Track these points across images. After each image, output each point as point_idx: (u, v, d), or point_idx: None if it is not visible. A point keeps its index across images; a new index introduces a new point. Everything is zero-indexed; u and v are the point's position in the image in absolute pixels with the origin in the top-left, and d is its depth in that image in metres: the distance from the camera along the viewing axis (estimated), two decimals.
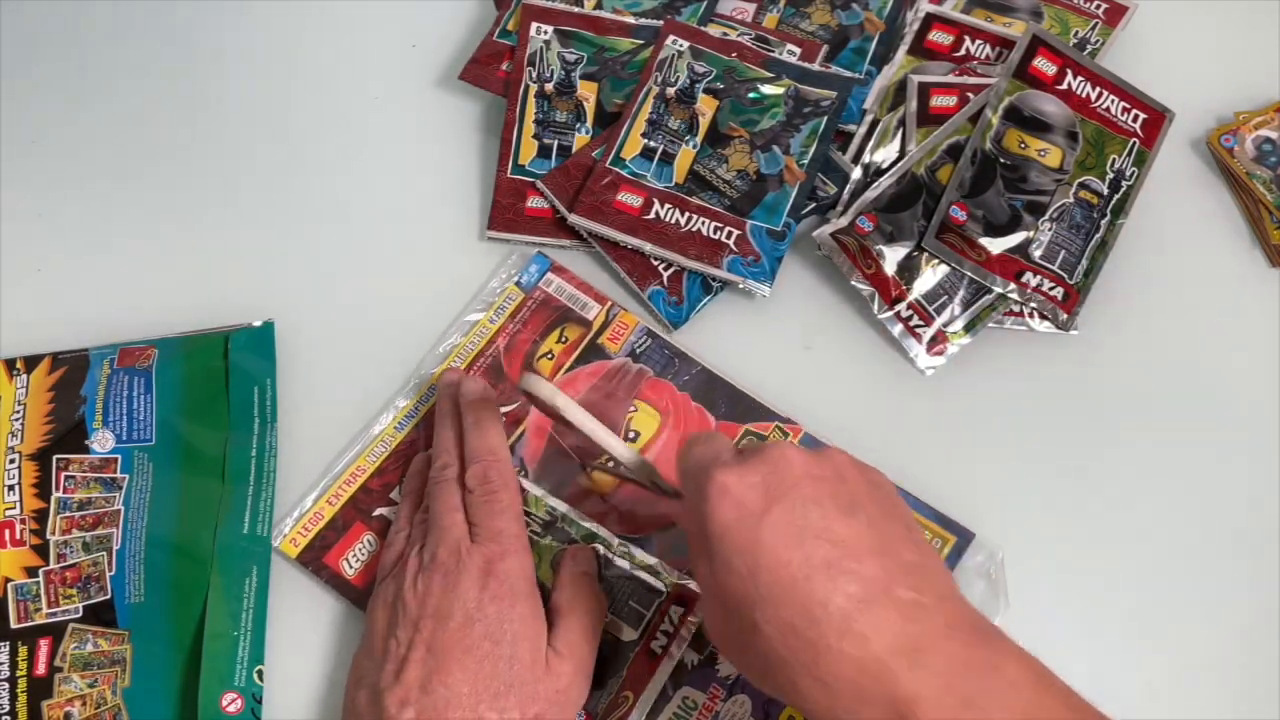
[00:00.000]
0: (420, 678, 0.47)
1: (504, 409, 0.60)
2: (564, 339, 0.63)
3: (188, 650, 0.53)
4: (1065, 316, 0.65)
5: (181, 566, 0.55)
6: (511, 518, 0.52)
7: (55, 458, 0.58)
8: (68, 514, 0.56)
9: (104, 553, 0.55)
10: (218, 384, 0.61)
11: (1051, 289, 0.64)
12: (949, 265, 0.65)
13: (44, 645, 0.53)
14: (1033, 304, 0.65)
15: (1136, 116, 0.67)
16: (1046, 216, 0.65)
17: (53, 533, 0.56)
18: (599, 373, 0.62)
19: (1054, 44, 0.68)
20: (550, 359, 0.62)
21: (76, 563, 0.55)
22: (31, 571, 0.55)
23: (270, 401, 0.61)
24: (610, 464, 0.58)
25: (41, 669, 0.53)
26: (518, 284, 0.64)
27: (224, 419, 0.60)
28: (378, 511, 0.57)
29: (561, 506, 0.57)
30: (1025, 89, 0.67)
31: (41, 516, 0.56)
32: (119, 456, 0.58)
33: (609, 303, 0.64)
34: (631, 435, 0.60)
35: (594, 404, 0.61)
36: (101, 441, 0.58)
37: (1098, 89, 0.67)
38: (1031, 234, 0.65)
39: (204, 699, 0.52)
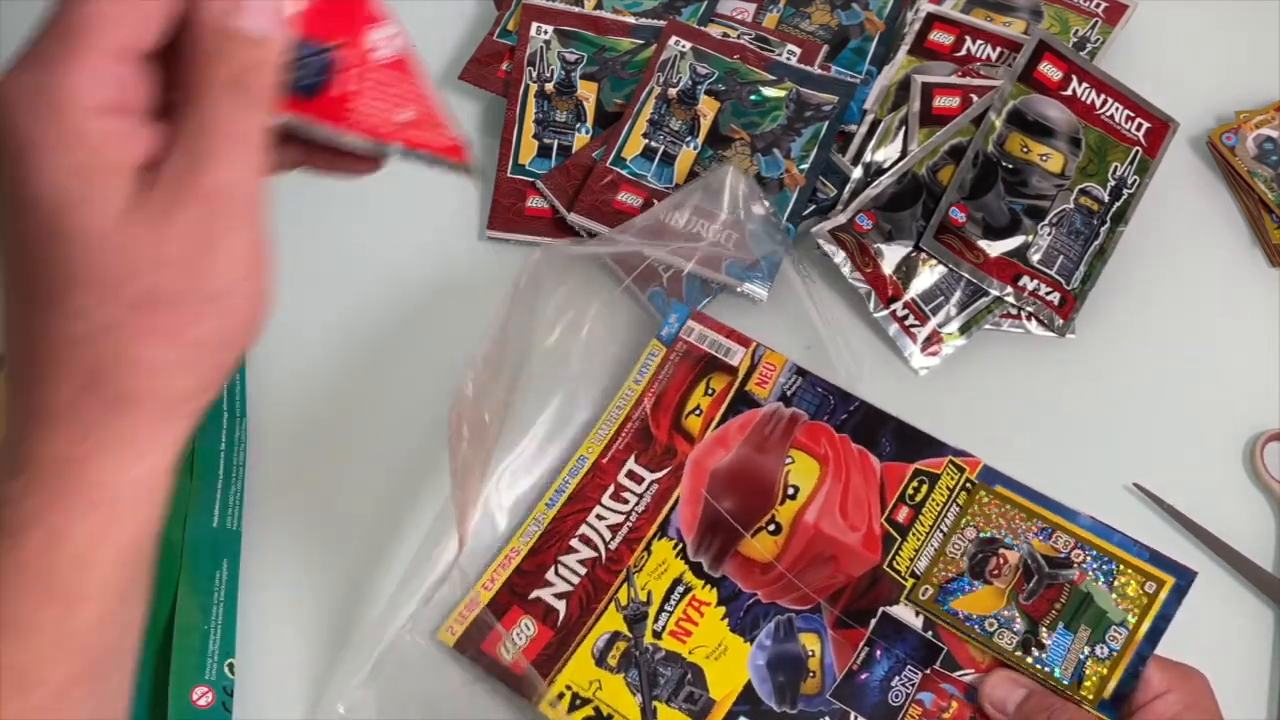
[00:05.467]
0: None
1: (655, 475, 0.57)
2: (710, 390, 0.59)
3: (158, 644, 0.53)
4: (1061, 322, 0.64)
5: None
6: None
7: None
8: None
9: None
10: None
11: (1048, 294, 0.64)
12: (946, 266, 0.64)
13: None
14: (1029, 308, 0.65)
15: (1140, 125, 0.67)
16: (1046, 221, 0.65)
17: None
18: (749, 424, 0.57)
19: (1060, 49, 0.67)
20: (699, 415, 0.58)
21: None
22: None
23: (239, 395, 0.60)
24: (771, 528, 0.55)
25: None
26: (659, 338, 0.61)
27: None
28: (534, 594, 0.55)
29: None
30: (1030, 93, 0.66)
31: None
32: None
33: (753, 344, 0.60)
34: (790, 491, 0.55)
35: (747, 460, 0.56)
36: None
37: (1102, 96, 0.67)
38: (1030, 238, 0.65)
39: (174, 693, 0.51)
